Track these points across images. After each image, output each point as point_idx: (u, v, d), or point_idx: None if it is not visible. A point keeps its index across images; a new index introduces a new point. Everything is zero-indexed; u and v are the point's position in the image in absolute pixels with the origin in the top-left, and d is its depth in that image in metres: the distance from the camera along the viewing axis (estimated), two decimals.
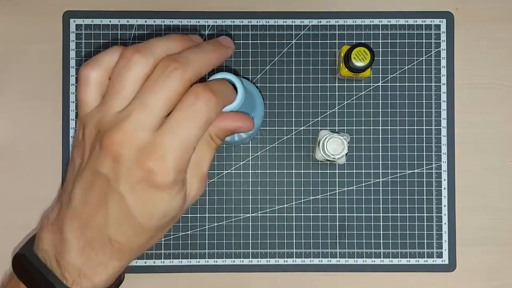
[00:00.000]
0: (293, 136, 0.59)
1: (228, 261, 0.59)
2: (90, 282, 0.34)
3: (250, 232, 0.59)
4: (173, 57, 0.31)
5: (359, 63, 0.52)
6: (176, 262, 0.59)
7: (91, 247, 0.33)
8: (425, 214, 0.59)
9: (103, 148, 0.30)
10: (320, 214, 0.59)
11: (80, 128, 0.33)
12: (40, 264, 0.34)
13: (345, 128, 0.59)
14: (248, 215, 0.59)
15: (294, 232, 0.59)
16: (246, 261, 0.59)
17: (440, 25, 0.59)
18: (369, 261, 0.59)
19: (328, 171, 0.59)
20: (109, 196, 0.31)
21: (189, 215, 0.59)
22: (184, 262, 0.59)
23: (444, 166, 0.59)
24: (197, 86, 0.31)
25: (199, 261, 0.59)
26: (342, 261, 0.59)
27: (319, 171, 0.59)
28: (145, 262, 0.58)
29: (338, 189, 0.59)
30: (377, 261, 0.59)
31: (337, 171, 0.59)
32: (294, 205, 0.59)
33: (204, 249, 0.59)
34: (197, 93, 0.31)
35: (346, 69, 0.54)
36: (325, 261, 0.59)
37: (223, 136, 0.34)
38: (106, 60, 0.33)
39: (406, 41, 0.59)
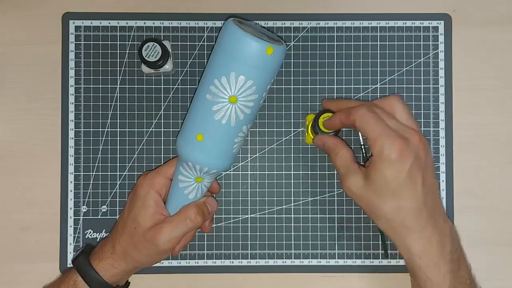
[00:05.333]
0: (292, 138, 0.59)
1: (227, 262, 0.59)
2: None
3: (249, 233, 0.59)
4: None
5: (329, 131, 0.53)
6: (175, 263, 0.59)
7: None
8: None
9: None
10: (318, 215, 0.59)
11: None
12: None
13: (344, 129, 0.59)
14: (247, 216, 0.59)
15: (293, 233, 0.59)
16: (245, 262, 0.59)
17: (438, 27, 0.60)
18: (367, 262, 0.59)
19: (327, 172, 0.59)
20: None
21: None
22: (183, 263, 0.59)
23: (443, 168, 0.59)
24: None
25: (198, 262, 0.59)
26: (341, 262, 0.59)
27: (318, 172, 0.59)
28: None
29: (337, 190, 0.59)
30: (376, 262, 0.59)
31: (336, 172, 0.59)
32: (293, 206, 0.59)
33: (203, 250, 0.59)
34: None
35: (312, 136, 0.55)
36: (323, 262, 0.59)
37: None
38: None
39: (404, 43, 0.60)
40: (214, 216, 0.59)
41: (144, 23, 0.59)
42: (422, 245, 0.47)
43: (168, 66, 0.56)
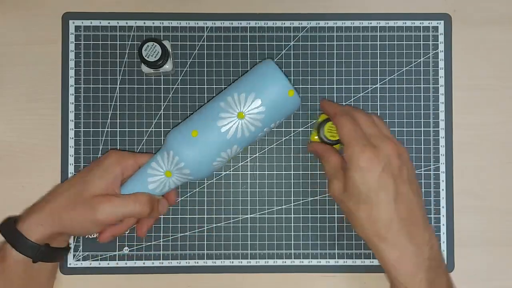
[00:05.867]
0: (292, 137, 0.59)
1: (227, 262, 0.59)
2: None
3: (249, 233, 0.59)
4: None
5: (330, 139, 0.54)
6: (175, 263, 0.59)
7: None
8: None
9: None
10: (318, 215, 0.59)
11: None
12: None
13: None
14: (247, 216, 0.59)
15: (292, 233, 0.59)
16: (244, 262, 0.59)
17: (438, 27, 0.60)
18: (367, 262, 0.59)
19: None
20: None
21: (188, 216, 0.59)
22: (183, 263, 0.59)
23: (443, 168, 0.59)
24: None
25: (197, 262, 0.59)
26: (341, 262, 0.59)
27: (318, 172, 0.59)
28: (144, 263, 0.58)
29: None
30: (376, 262, 0.59)
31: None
32: (292, 206, 0.59)
33: (203, 250, 0.59)
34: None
35: (317, 137, 0.56)
36: (323, 262, 0.59)
37: None
38: None
39: (404, 43, 0.60)
40: (214, 216, 0.59)
41: (144, 23, 0.59)
42: (396, 255, 0.47)
43: (168, 66, 0.56)
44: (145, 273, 0.58)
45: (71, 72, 0.59)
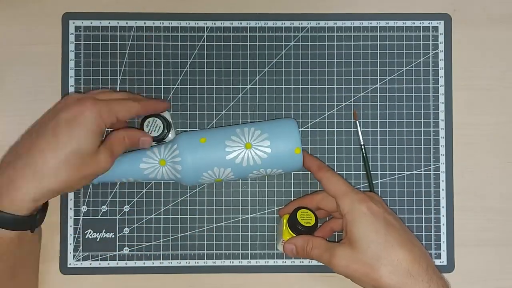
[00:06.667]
0: None
1: (227, 262, 0.59)
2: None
3: (249, 233, 0.59)
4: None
5: (306, 225, 0.53)
6: (175, 263, 0.59)
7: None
8: (423, 215, 0.59)
9: None
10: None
11: None
12: None
13: (344, 129, 0.59)
14: (247, 216, 0.59)
15: None
16: (244, 262, 0.59)
17: (438, 26, 0.60)
18: None
19: None
20: None
21: (188, 216, 0.59)
22: (183, 263, 0.59)
23: (443, 168, 0.59)
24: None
25: (198, 262, 0.59)
26: None
27: None
28: (144, 263, 0.58)
29: None
30: None
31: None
32: None
33: (203, 250, 0.59)
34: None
35: (286, 236, 0.54)
36: None
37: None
38: None
39: (404, 43, 0.60)
40: (214, 216, 0.59)
41: (144, 23, 0.59)
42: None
43: (170, 136, 0.57)
44: (145, 273, 0.58)
45: (71, 72, 0.59)
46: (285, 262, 0.59)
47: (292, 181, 0.59)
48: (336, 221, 0.56)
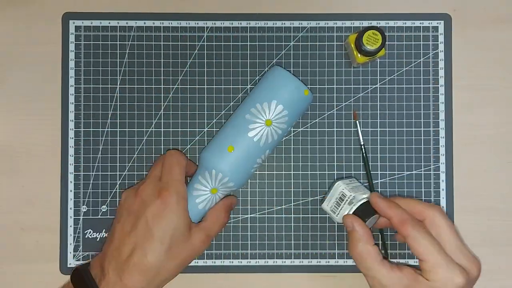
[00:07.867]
0: (292, 138, 0.59)
1: (227, 262, 0.59)
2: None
3: (249, 233, 0.59)
4: None
5: (372, 47, 0.53)
6: None
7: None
8: None
9: None
10: (319, 215, 0.59)
11: None
12: (90, 277, 0.49)
13: (344, 129, 0.59)
14: (247, 216, 0.59)
15: (292, 233, 0.59)
16: (244, 262, 0.59)
17: (438, 26, 0.60)
18: None
19: (327, 172, 0.59)
20: None
21: None
22: None
23: (443, 167, 0.59)
24: None
25: (198, 262, 0.59)
26: (341, 262, 0.59)
27: (318, 172, 0.59)
28: None
29: None
30: None
31: (336, 172, 0.59)
32: (292, 206, 0.59)
33: None
34: None
35: (360, 55, 0.55)
36: (323, 262, 0.59)
37: None
38: None
39: (404, 43, 0.60)
40: None
41: (144, 23, 0.59)
42: None
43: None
44: None
45: (71, 72, 0.59)
46: (285, 262, 0.59)
47: (292, 181, 0.59)
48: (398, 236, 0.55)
